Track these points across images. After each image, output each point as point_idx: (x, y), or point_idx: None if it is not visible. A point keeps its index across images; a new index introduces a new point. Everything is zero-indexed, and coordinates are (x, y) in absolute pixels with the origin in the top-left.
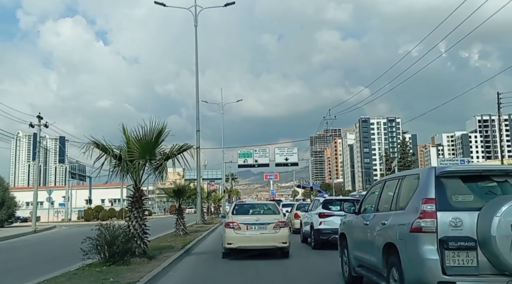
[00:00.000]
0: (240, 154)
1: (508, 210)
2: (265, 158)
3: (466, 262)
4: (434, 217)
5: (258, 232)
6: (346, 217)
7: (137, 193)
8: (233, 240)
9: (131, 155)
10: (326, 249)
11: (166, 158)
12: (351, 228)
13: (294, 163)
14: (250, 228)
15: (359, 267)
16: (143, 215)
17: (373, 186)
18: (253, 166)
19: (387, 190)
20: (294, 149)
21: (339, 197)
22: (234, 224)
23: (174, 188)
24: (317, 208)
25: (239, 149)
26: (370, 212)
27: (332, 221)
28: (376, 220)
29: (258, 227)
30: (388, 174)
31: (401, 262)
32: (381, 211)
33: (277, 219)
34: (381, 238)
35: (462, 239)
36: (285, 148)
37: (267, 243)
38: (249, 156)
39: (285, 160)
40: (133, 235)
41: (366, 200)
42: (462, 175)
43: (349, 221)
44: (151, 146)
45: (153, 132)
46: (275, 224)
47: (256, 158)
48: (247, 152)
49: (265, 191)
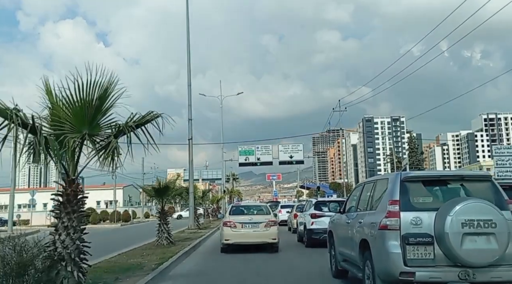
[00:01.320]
0: (241, 151)
1: (459, 210)
2: (268, 155)
3: (424, 255)
4: (397, 216)
5: (251, 229)
6: (333, 216)
7: (70, 189)
8: (230, 237)
9: (58, 127)
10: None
11: (117, 132)
12: (337, 226)
13: (299, 161)
14: (244, 226)
15: (343, 262)
16: (79, 225)
17: (355, 188)
18: (255, 165)
19: (365, 192)
20: (299, 146)
21: (331, 199)
22: (231, 223)
23: (156, 186)
24: (309, 209)
25: (240, 147)
26: (352, 211)
27: (323, 222)
28: (356, 219)
29: (252, 225)
30: None
31: (372, 256)
32: (360, 210)
33: (267, 219)
34: (358, 235)
35: (421, 235)
36: (290, 145)
37: (259, 239)
38: (250, 154)
39: (290, 157)
40: (61, 258)
41: (349, 201)
42: (423, 180)
43: (335, 220)
44: (92, 112)
45: (95, 89)
46: (266, 223)
47: (259, 156)
48: (248, 149)
49: (267, 192)
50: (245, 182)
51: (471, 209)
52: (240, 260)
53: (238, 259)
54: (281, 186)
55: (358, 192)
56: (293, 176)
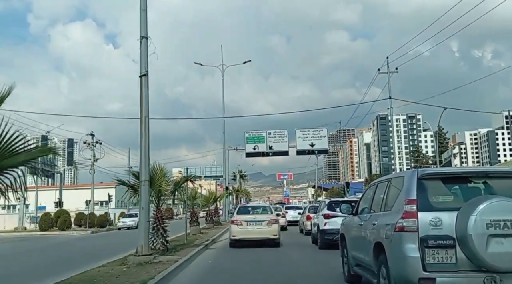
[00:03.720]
0: (249, 138)
1: (483, 209)
2: (283, 143)
3: (445, 259)
4: (415, 217)
5: (255, 227)
6: (346, 218)
7: None
8: (236, 233)
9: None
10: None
11: None
12: (349, 229)
13: (323, 150)
14: (249, 224)
15: (356, 266)
16: None
17: (368, 188)
18: (267, 155)
19: (378, 192)
20: (322, 132)
21: (344, 199)
22: (238, 221)
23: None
24: (323, 209)
25: (248, 132)
26: (365, 212)
27: (336, 222)
28: (369, 220)
29: (255, 223)
30: None
31: (387, 260)
32: (374, 212)
33: (269, 217)
34: (372, 237)
35: (442, 237)
36: (310, 130)
37: (262, 235)
38: (260, 141)
39: (311, 146)
40: None
41: (362, 201)
42: (442, 177)
43: (348, 222)
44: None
45: None
46: (268, 221)
47: (271, 144)
48: (258, 136)
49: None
50: (254, 183)
51: (497, 208)
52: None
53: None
54: (290, 187)
55: (371, 192)
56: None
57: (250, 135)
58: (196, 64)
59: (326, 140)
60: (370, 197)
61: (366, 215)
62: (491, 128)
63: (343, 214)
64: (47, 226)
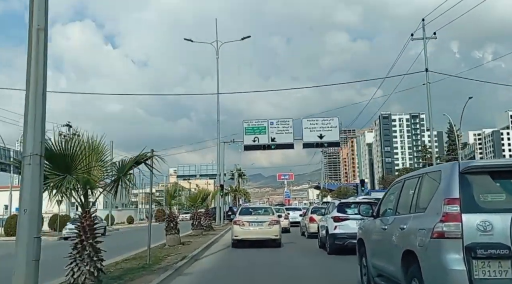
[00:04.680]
0: (248, 128)
1: None
2: (287, 135)
3: (498, 274)
4: (458, 220)
5: (257, 227)
6: (364, 221)
7: None
8: (239, 233)
9: None
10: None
11: None
12: (369, 233)
13: (333, 142)
14: (251, 224)
15: (378, 277)
16: None
17: (392, 186)
18: (269, 148)
19: (406, 190)
20: (332, 121)
21: (356, 200)
22: (240, 222)
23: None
24: (332, 211)
25: (247, 122)
26: (389, 215)
27: (347, 225)
28: (395, 224)
29: (257, 224)
30: None
31: (421, 273)
32: (400, 214)
33: (271, 218)
34: (399, 244)
35: (493, 246)
36: (319, 120)
37: (263, 235)
38: (262, 132)
39: (319, 137)
40: None
41: (384, 202)
42: (491, 171)
43: (367, 225)
44: None
45: None
46: (269, 222)
47: (273, 136)
48: (258, 126)
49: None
50: (253, 184)
51: None
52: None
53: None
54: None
55: (396, 190)
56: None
57: (250, 125)
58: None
59: (337, 131)
60: (395, 197)
61: (390, 218)
62: (496, 128)
63: (356, 216)
64: None
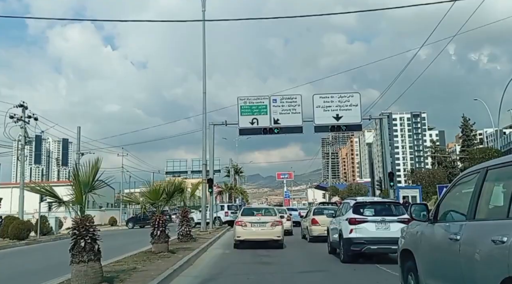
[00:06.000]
0: (244, 107)
1: None
2: (295, 116)
3: None
4: None
5: (259, 228)
6: (412, 226)
7: None
8: (241, 234)
9: None
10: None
11: None
12: (424, 244)
13: (353, 125)
14: (253, 225)
15: None
16: None
17: (460, 179)
18: (271, 132)
19: (491, 185)
20: (353, 98)
21: (374, 200)
22: (242, 222)
23: None
24: (346, 212)
25: (242, 99)
26: (457, 220)
27: (365, 229)
28: (476, 233)
29: (259, 224)
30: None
31: None
32: (484, 218)
33: (274, 219)
34: (494, 267)
35: None
36: (335, 96)
37: (266, 236)
38: (261, 112)
39: (335, 118)
40: None
41: (446, 202)
42: None
43: (419, 232)
44: None
45: None
46: (272, 222)
47: (277, 116)
48: (257, 104)
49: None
50: (252, 185)
51: None
52: None
53: None
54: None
55: (471, 186)
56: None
57: (246, 103)
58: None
59: (358, 110)
60: (470, 195)
61: (461, 224)
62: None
63: (374, 218)
64: None
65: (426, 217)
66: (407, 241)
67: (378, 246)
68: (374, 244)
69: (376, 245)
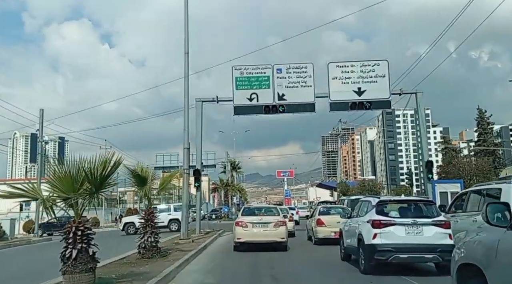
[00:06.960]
0: (241, 80)
1: None
2: (305, 90)
3: None
4: None
5: (261, 229)
6: (478, 233)
7: None
8: (241, 236)
9: None
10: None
11: None
12: (502, 258)
13: (380, 101)
14: (255, 226)
15: None
16: None
17: None
18: (275, 110)
19: None
20: (379, 67)
21: (402, 198)
22: (243, 223)
23: None
24: (367, 213)
25: (239, 69)
26: None
27: (393, 233)
28: None
29: (261, 225)
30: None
31: None
32: None
33: (277, 219)
34: None
35: None
36: (356, 64)
37: (268, 238)
38: (262, 86)
39: (357, 93)
40: None
41: None
42: None
43: (495, 241)
44: None
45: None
46: (275, 223)
47: (282, 91)
48: (258, 75)
49: (274, 194)
50: (251, 184)
51: None
52: None
53: None
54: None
55: None
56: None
57: (243, 74)
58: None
59: (386, 82)
60: None
61: None
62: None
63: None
64: None
65: (508, 221)
66: (471, 252)
67: (408, 254)
68: (404, 252)
69: (407, 254)
